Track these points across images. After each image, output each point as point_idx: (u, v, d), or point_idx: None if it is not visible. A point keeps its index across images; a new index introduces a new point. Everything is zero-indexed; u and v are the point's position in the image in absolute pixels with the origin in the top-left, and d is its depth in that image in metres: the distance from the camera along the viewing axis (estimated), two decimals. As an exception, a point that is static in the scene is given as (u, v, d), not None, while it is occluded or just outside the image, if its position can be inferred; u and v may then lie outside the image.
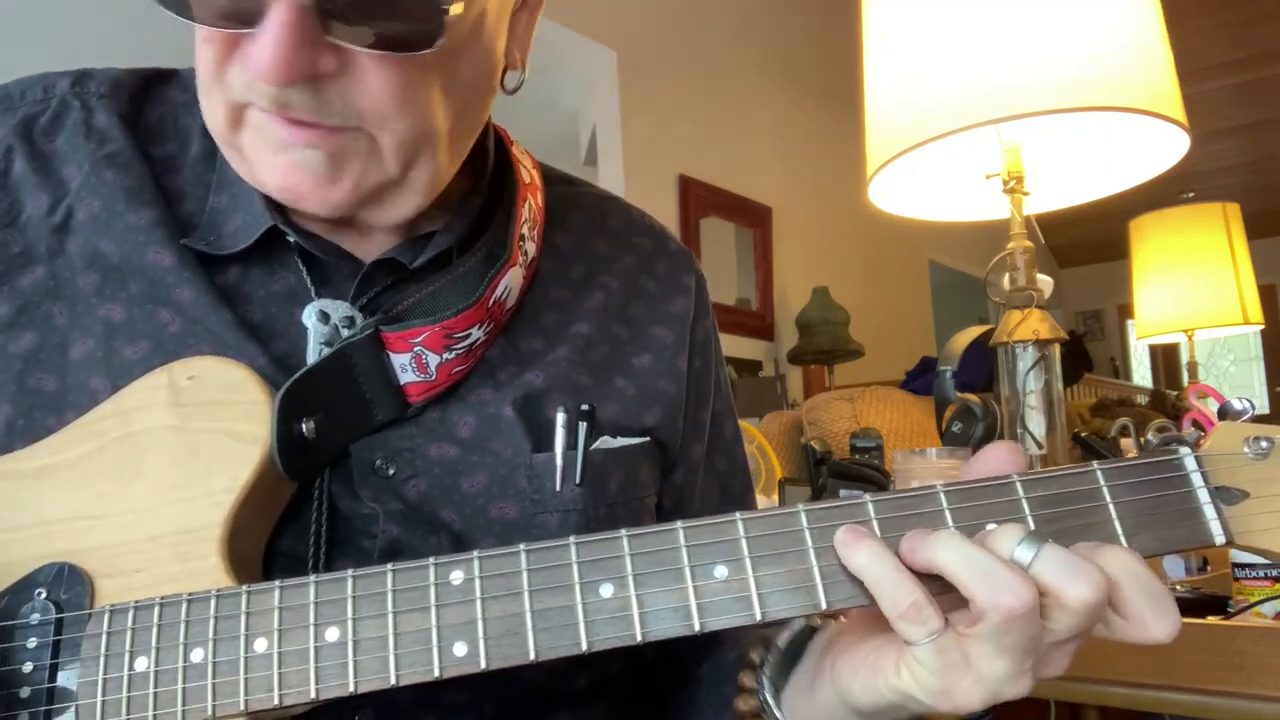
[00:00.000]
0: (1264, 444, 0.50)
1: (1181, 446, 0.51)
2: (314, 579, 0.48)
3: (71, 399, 0.58)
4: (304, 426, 0.55)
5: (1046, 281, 1.30)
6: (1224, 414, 0.52)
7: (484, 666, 0.46)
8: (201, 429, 0.54)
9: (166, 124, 0.67)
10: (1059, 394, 1.28)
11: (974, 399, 1.33)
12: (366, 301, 0.62)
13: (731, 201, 3.99)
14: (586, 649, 0.46)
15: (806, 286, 4.14)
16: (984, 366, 1.43)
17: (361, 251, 0.64)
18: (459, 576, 0.48)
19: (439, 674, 0.46)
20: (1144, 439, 0.53)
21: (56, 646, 0.49)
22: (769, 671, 0.57)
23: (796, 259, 4.35)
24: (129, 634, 0.48)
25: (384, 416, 0.60)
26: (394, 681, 0.46)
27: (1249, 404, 0.52)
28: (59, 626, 0.50)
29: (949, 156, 1.39)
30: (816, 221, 4.54)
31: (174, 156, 0.66)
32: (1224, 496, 0.49)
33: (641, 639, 0.46)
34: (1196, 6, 4.76)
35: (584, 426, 0.63)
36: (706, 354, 0.77)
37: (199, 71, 0.55)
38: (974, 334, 1.41)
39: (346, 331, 0.60)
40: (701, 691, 0.67)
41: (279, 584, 0.48)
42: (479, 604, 0.47)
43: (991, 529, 0.47)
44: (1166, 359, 8.02)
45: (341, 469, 0.59)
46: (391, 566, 0.48)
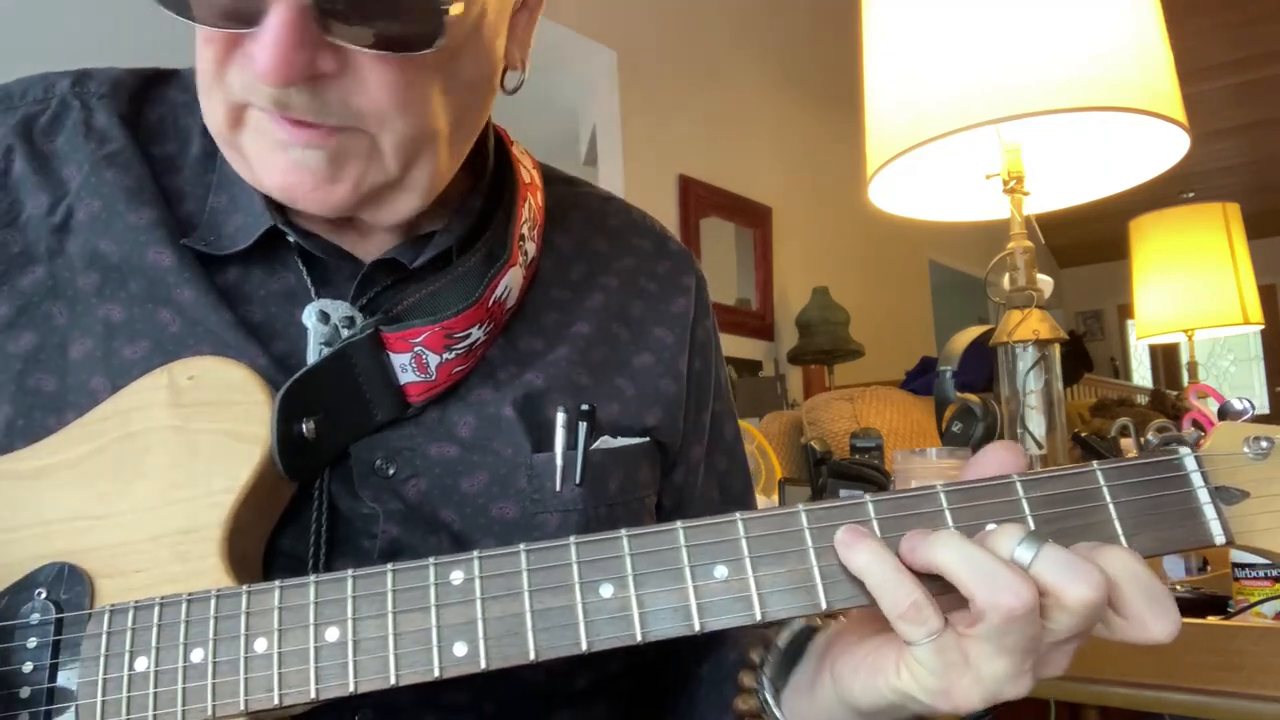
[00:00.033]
0: (1264, 444, 0.50)
1: (1181, 446, 0.51)
2: (314, 579, 0.48)
3: (71, 399, 0.58)
4: (304, 426, 0.55)
5: (1046, 281, 1.30)
6: (1224, 414, 0.52)
7: (484, 666, 0.46)
8: (202, 429, 0.54)
9: (166, 124, 0.67)
10: (1059, 394, 1.28)
11: (974, 399, 1.33)
12: (366, 301, 0.62)
13: (731, 201, 3.99)
14: (586, 649, 0.46)
15: (806, 286, 4.14)
16: (984, 366, 1.42)
17: (361, 251, 0.64)
18: (459, 576, 0.48)
19: (439, 674, 0.46)
20: (1144, 439, 0.53)
21: (56, 646, 0.49)
22: (769, 672, 0.57)
23: (796, 259, 4.35)
24: (129, 634, 0.48)
25: (384, 416, 0.60)
26: (394, 681, 0.46)
27: (1249, 404, 0.52)
28: (59, 626, 0.50)
29: (949, 156, 1.38)
30: (816, 221, 4.54)
31: (174, 156, 0.66)
32: (1224, 496, 0.49)
33: (641, 639, 0.46)
34: (1196, 6, 4.76)
35: (584, 426, 0.63)
36: (707, 355, 0.77)
37: (199, 72, 0.56)
38: (974, 334, 1.41)
39: (346, 331, 0.60)
40: (702, 692, 0.67)
41: (279, 584, 0.48)
42: (479, 604, 0.47)
43: (991, 529, 0.47)
44: (1166, 359, 8.02)
45: (341, 469, 0.59)
46: (391, 566, 0.48)
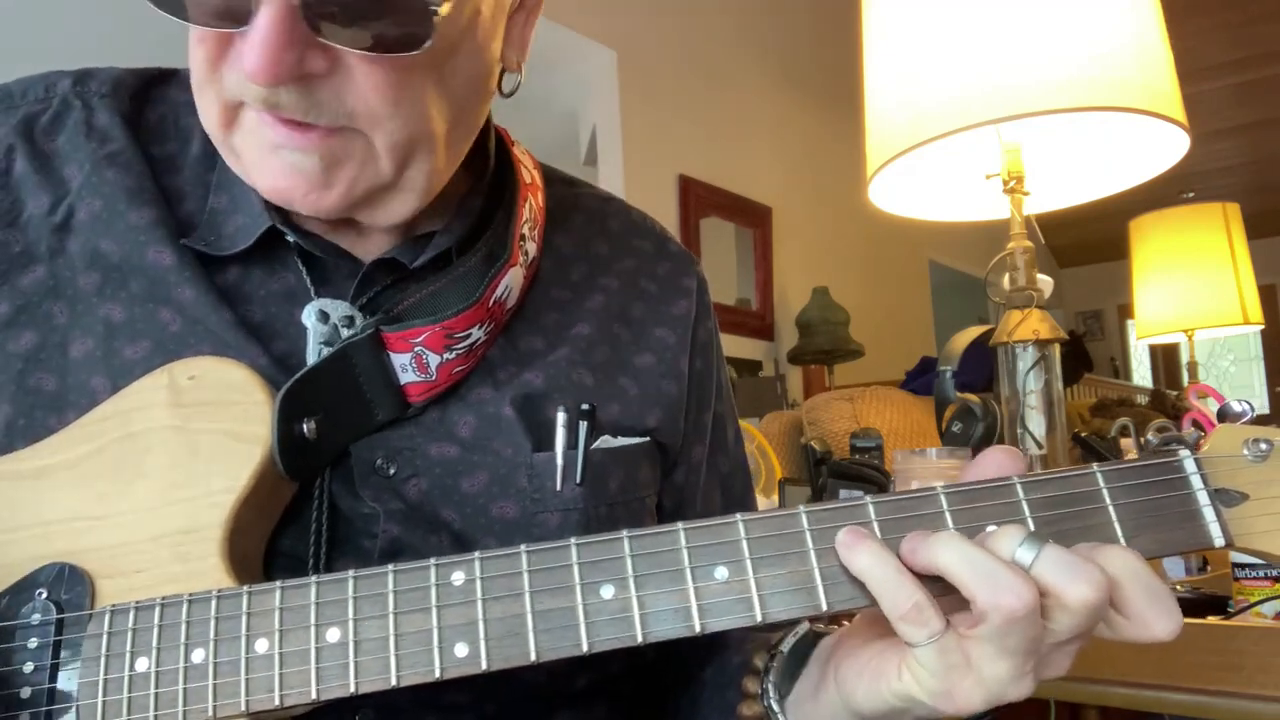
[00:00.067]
0: (1263, 446, 0.50)
1: (1181, 448, 0.51)
2: (315, 579, 0.48)
3: (72, 399, 0.58)
4: (305, 427, 0.55)
5: (1046, 281, 1.30)
6: (1223, 416, 0.52)
7: (485, 667, 0.46)
8: (202, 429, 0.54)
9: (167, 124, 0.67)
10: (1059, 394, 1.28)
11: (974, 399, 1.33)
12: (366, 301, 0.62)
13: (731, 201, 3.99)
14: (587, 650, 0.46)
15: (806, 286, 4.14)
16: (984, 366, 1.43)
17: (361, 251, 0.64)
18: (460, 577, 0.48)
19: (440, 675, 0.46)
20: (1144, 439, 0.53)
21: (57, 647, 0.49)
22: (773, 677, 0.57)
23: (796, 259, 4.35)
24: (130, 634, 0.48)
25: (384, 416, 0.60)
26: (395, 682, 0.46)
27: (1248, 406, 0.52)
28: (60, 627, 0.50)
29: (949, 156, 1.39)
30: (816, 221, 4.54)
31: (174, 156, 0.66)
32: (1223, 499, 0.49)
33: (642, 640, 0.46)
34: (1196, 6, 4.75)
35: (584, 426, 0.63)
36: (708, 356, 0.77)
37: (193, 71, 0.56)
38: (974, 334, 1.41)
39: (346, 331, 0.60)
40: (705, 695, 0.67)
41: (280, 584, 0.48)
42: (480, 605, 0.47)
43: (992, 530, 0.47)
44: (1166, 359, 8.02)
45: (342, 469, 0.59)
46: (393, 567, 0.48)
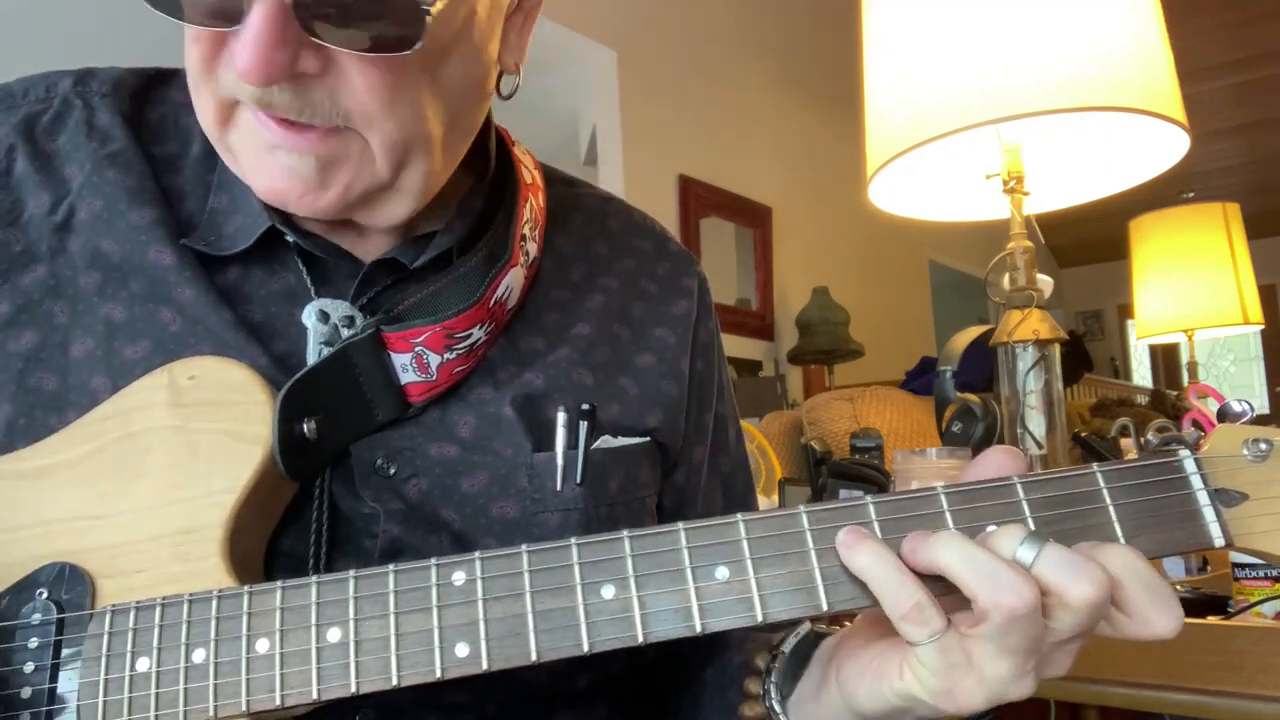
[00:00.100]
0: (1263, 446, 0.50)
1: (1181, 448, 0.51)
2: (316, 579, 0.48)
3: (73, 398, 0.58)
4: (305, 427, 0.55)
5: (1046, 281, 1.30)
6: (1223, 416, 0.52)
7: (486, 667, 0.46)
8: (202, 429, 0.54)
9: (168, 123, 0.67)
10: (1059, 394, 1.28)
11: (974, 399, 1.33)
12: (367, 301, 0.62)
13: (731, 201, 3.99)
14: (588, 650, 0.46)
15: (806, 286, 4.14)
16: (984, 366, 1.43)
17: (361, 251, 0.64)
18: (461, 577, 0.48)
19: (441, 675, 0.46)
20: (1144, 439, 0.53)
21: (58, 647, 0.49)
22: (775, 678, 0.57)
23: (796, 259, 4.35)
24: (130, 634, 0.48)
25: (385, 416, 0.60)
26: (396, 682, 0.46)
27: (1248, 406, 0.52)
28: (60, 627, 0.50)
29: (949, 156, 1.39)
30: (816, 221, 4.54)
31: (175, 156, 0.66)
32: (1223, 499, 0.49)
33: (643, 640, 0.46)
34: (1196, 6, 4.75)
35: (585, 426, 0.63)
36: (709, 356, 0.76)
37: (189, 70, 0.56)
38: (974, 334, 1.41)
39: (346, 331, 0.60)
40: (706, 695, 0.67)
41: (281, 584, 0.48)
42: (481, 605, 0.47)
43: (993, 530, 0.47)
44: (1166, 359, 8.02)
45: (342, 469, 0.59)
46: (393, 567, 0.48)
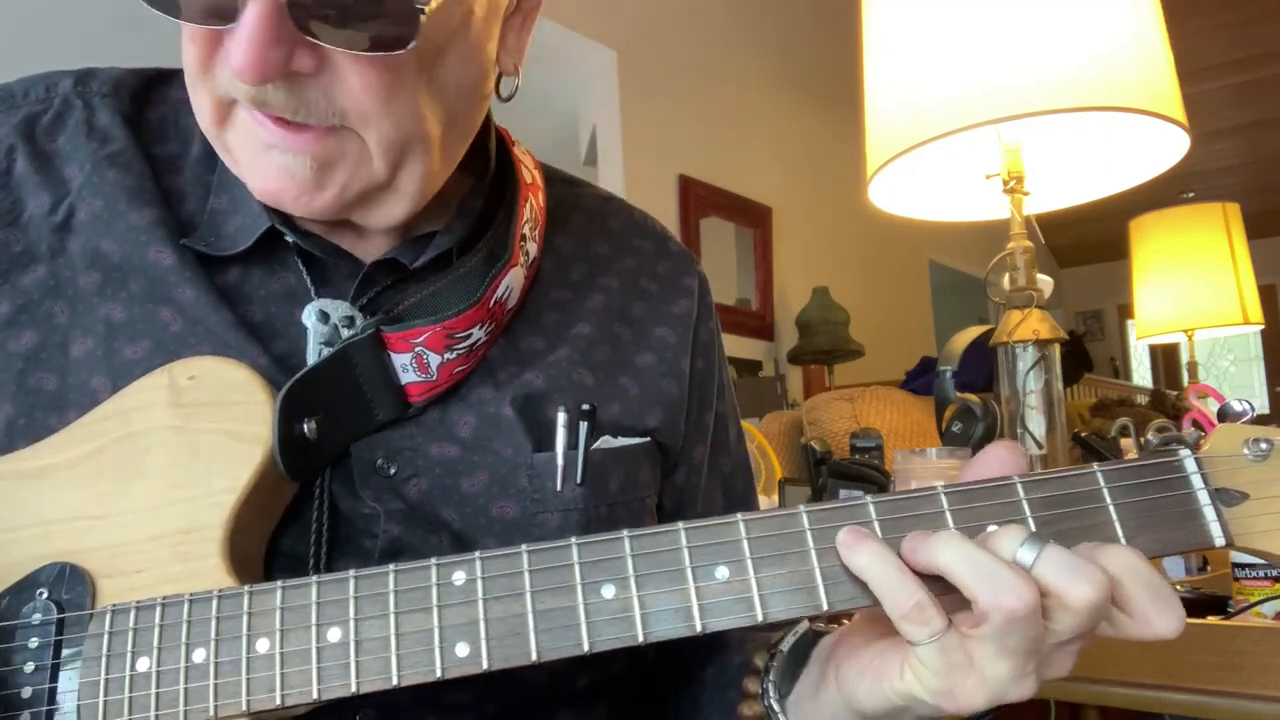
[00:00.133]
0: (1264, 445, 0.50)
1: (1182, 448, 0.51)
2: (316, 579, 0.48)
3: (73, 398, 0.58)
4: (305, 427, 0.55)
5: (1046, 281, 1.30)
6: (1224, 415, 0.52)
7: (486, 667, 0.46)
8: (202, 429, 0.54)
9: (168, 124, 0.67)
10: (1059, 394, 1.28)
11: (974, 399, 1.33)
12: (367, 301, 0.62)
13: (731, 201, 3.99)
14: (588, 650, 0.46)
15: (806, 286, 4.14)
16: (984, 366, 1.42)
17: (361, 252, 0.64)
18: (461, 577, 0.48)
19: (441, 674, 0.46)
20: (1144, 439, 0.53)
21: (58, 646, 0.49)
22: (774, 677, 0.57)
23: (796, 259, 4.35)
24: (131, 634, 0.48)
25: (385, 416, 0.60)
26: (396, 682, 0.46)
27: (1249, 405, 0.52)
28: (60, 626, 0.50)
29: (949, 156, 1.38)
30: (816, 221, 4.54)
31: (175, 157, 0.66)
32: (1224, 498, 0.49)
33: (643, 640, 0.46)
34: (1196, 6, 4.75)
35: (585, 426, 0.63)
36: (710, 355, 0.76)
37: (186, 69, 0.56)
38: (974, 334, 1.41)
39: (346, 331, 0.60)
40: (706, 695, 0.67)
41: (281, 584, 0.48)
42: (481, 604, 0.47)
43: (993, 530, 0.47)
44: (1166, 359, 8.02)
45: (342, 469, 0.59)
46: (394, 567, 0.48)
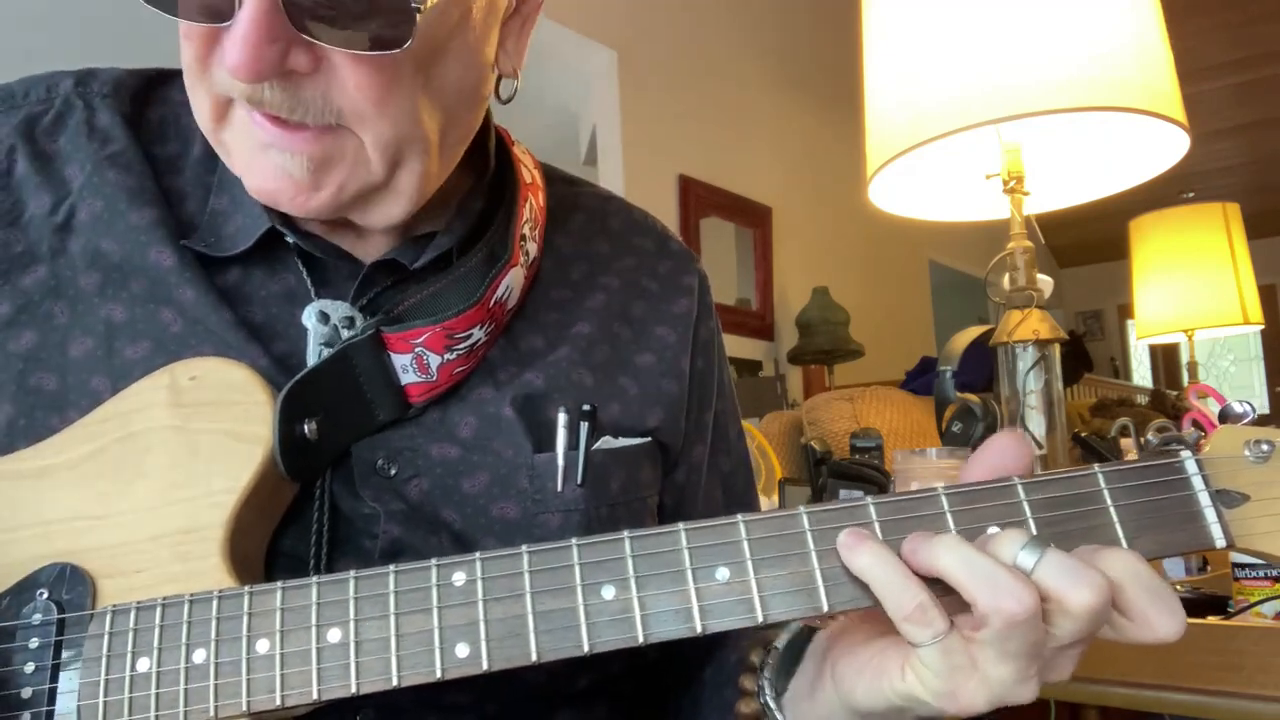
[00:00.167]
0: (1264, 447, 0.49)
1: (1183, 450, 0.51)
2: (316, 580, 0.48)
3: (73, 399, 0.58)
4: (305, 427, 0.55)
5: (1046, 281, 1.30)
6: (1225, 417, 0.52)
7: (486, 668, 0.46)
8: (203, 429, 0.54)
9: (168, 124, 0.67)
10: (1059, 394, 1.28)
11: (974, 399, 1.33)
12: (367, 302, 0.62)
13: (731, 201, 3.99)
14: (588, 650, 0.46)
15: (806, 286, 4.14)
16: (984, 366, 1.43)
17: (361, 252, 0.64)
18: (461, 578, 0.48)
19: (441, 675, 0.46)
20: (1144, 439, 0.53)
21: (58, 647, 0.49)
22: (769, 674, 0.57)
23: (796, 259, 4.35)
24: (131, 634, 0.48)
25: (385, 417, 0.60)
26: (396, 682, 0.46)
27: (1250, 407, 0.52)
28: (61, 627, 0.50)
29: (949, 156, 1.39)
30: (816, 221, 4.54)
31: (176, 157, 0.66)
32: (1225, 500, 0.49)
33: (643, 640, 0.46)
34: (1196, 6, 4.75)
35: (585, 427, 0.63)
36: (710, 354, 0.76)
37: (184, 67, 0.55)
38: (974, 334, 1.41)
39: (346, 332, 0.60)
40: (704, 695, 0.67)
41: (281, 585, 0.48)
42: (481, 605, 0.47)
43: (993, 532, 0.47)
44: (1166, 359, 8.02)
45: (343, 469, 0.59)
46: (394, 568, 0.48)
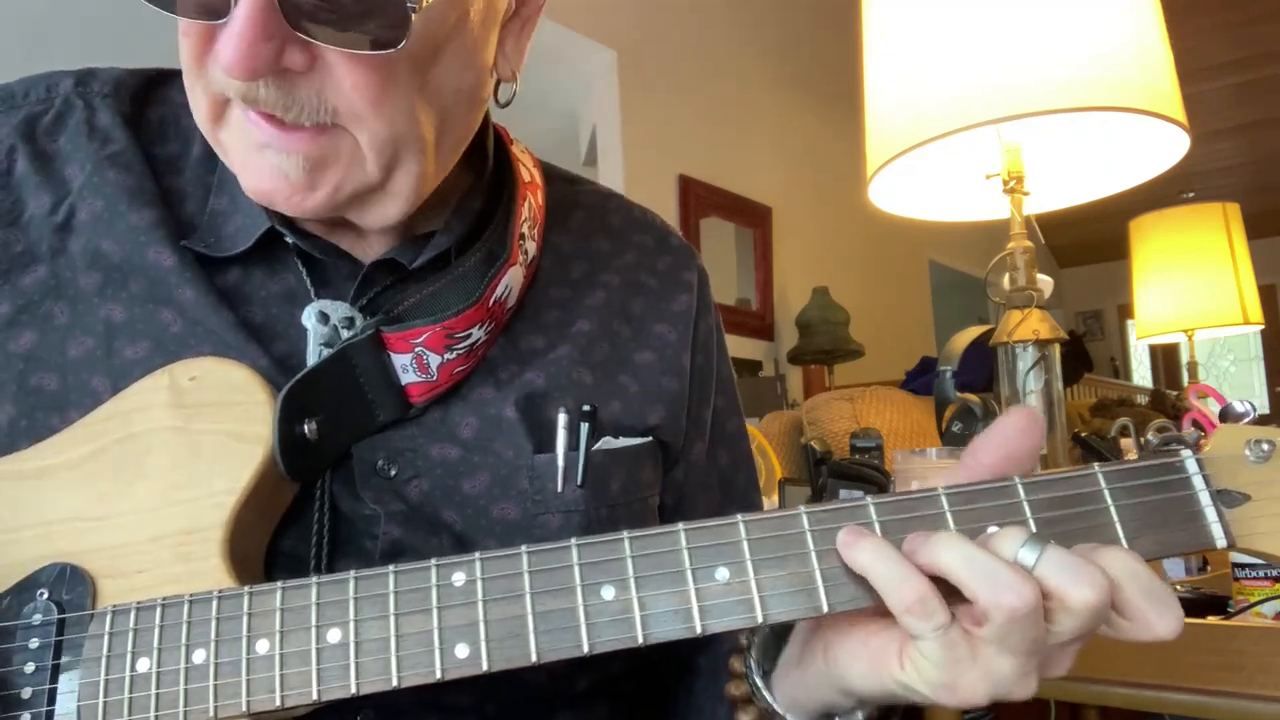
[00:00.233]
0: (1265, 447, 0.49)
1: (1183, 449, 0.51)
2: (316, 580, 0.48)
3: (73, 399, 0.58)
4: (306, 427, 0.55)
5: (1046, 281, 1.30)
6: (1225, 416, 0.52)
7: (486, 668, 0.46)
8: (203, 430, 0.54)
9: (168, 124, 0.67)
10: (1059, 394, 1.28)
11: (974, 399, 1.33)
12: (366, 302, 0.62)
13: (731, 201, 3.99)
14: (588, 651, 0.46)
15: (806, 286, 4.14)
16: (984, 366, 1.43)
17: (361, 252, 0.64)
18: (461, 578, 0.47)
19: (441, 675, 0.46)
20: (1144, 439, 0.53)
21: (59, 647, 0.49)
22: (755, 654, 0.57)
23: (796, 259, 4.35)
24: (131, 635, 0.48)
25: (386, 417, 0.60)
26: (396, 683, 0.46)
27: (1250, 406, 0.51)
28: (61, 627, 0.50)
29: (949, 156, 1.38)
30: (816, 221, 4.54)
31: (176, 157, 0.66)
32: (1225, 499, 0.49)
33: (643, 641, 0.46)
34: (1196, 6, 4.75)
35: (585, 427, 0.63)
36: (709, 350, 0.76)
37: (182, 64, 0.55)
38: (974, 334, 1.41)
39: (346, 332, 0.60)
40: (700, 684, 0.68)
41: (281, 585, 0.48)
42: (481, 605, 0.47)
43: (993, 531, 0.47)
44: (1166, 359, 8.02)
45: (343, 470, 0.59)
46: (393, 568, 0.48)
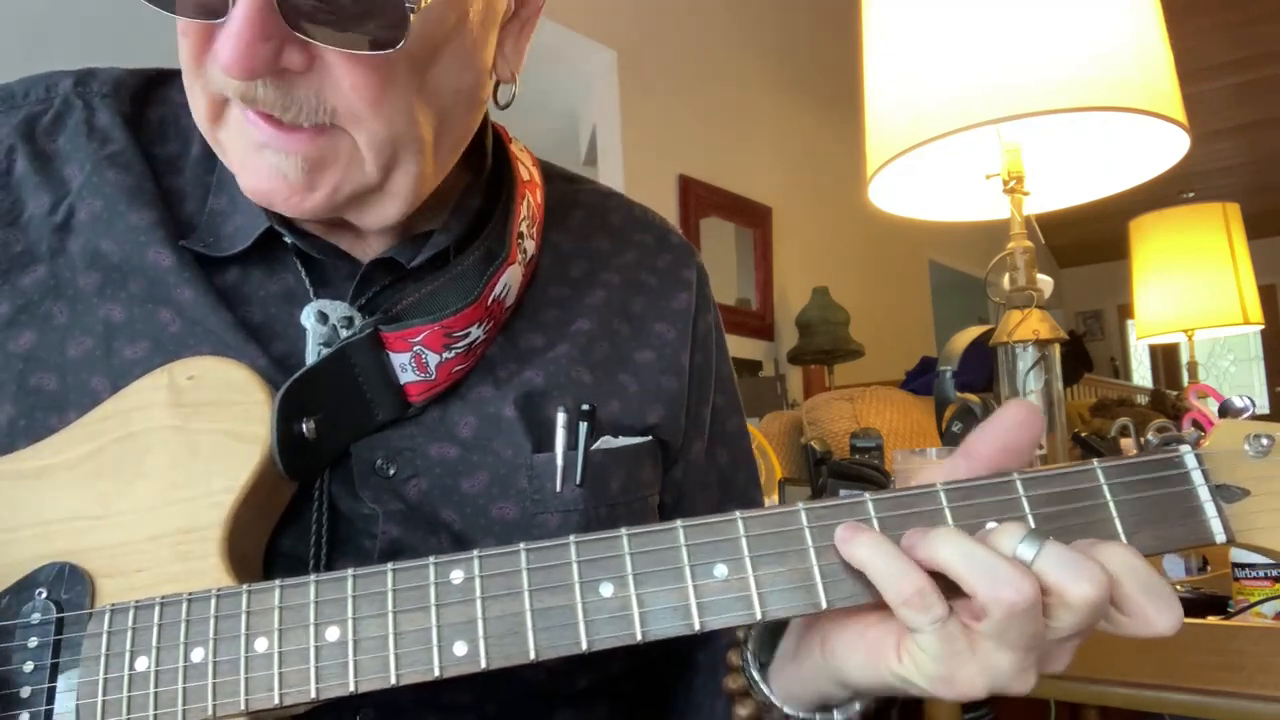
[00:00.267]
0: (1264, 441, 0.49)
1: (1182, 444, 0.51)
2: (314, 578, 0.48)
3: (73, 398, 0.58)
4: (304, 426, 0.55)
5: (1046, 281, 1.30)
6: (1225, 411, 0.52)
7: (484, 666, 0.46)
8: (202, 429, 0.54)
9: (168, 124, 0.67)
10: (1059, 394, 1.28)
11: (974, 399, 1.33)
12: (365, 301, 0.62)
13: (731, 201, 3.99)
14: (586, 648, 0.46)
15: (806, 286, 4.14)
16: (984, 366, 1.43)
17: (359, 252, 0.64)
18: (459, 576, 0.47)
19: (439, 673, 0.46)
20: (1144, 439, 0.53)
21: (57, 646, 0.49)
22: (752, 646, 0.57)
23: (796, 259, 4.35)
24: (129, 634, 0.48)
25: (385, 416, 0.60)
26: (394, 681, 0.46)
27: (1250, 402, 0.51)
28: (60, 626, 0.50)
29: (949, 156, 1.39)
30: (816, 221, 4.54)
31: (175, 157, 0.66)
32: (1224, 494, 0.49)
33: (641, 638, 0.46)
34: (1196, 6, 4.76)
35: (584, 426, 0.63)
36: (708, 348, 0.76)
37: (181, 64, 0.55)
38: (974, 334, 1.41)
39: (345, 332, 0.60)
40: (699, 680, 0.68)
41: (279, 583, 0.48)
42: (479, 603, 0.47)
43: (992, 527, 0.47)
44: (1166, 359, 8.02)
45: (342, 469, 0.59)
46: (392, 566, 0.48)
